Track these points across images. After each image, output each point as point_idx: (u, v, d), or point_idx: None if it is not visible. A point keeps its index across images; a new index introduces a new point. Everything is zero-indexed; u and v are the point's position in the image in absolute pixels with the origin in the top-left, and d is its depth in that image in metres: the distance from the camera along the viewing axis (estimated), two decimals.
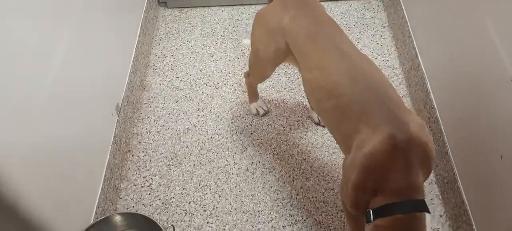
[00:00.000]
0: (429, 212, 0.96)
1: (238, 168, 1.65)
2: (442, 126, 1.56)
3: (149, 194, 1.59)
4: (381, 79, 1.10)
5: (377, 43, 2.06)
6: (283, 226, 1.49)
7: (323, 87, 1.12)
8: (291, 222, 1.49)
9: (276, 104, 1.85)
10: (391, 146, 0.96)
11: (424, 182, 1.02)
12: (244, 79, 1.80)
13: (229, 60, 2.03)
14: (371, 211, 0.98)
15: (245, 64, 2.01)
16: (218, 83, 1.94)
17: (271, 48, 1.32)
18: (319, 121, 1.76)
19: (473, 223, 1.33)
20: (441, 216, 1.50)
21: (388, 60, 1.99)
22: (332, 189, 1.58)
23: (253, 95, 1.77)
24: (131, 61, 1.84)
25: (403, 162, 0.96)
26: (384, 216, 0.96)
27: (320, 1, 2.00)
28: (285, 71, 1.96)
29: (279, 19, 1.25)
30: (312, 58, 1.17)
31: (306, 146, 1.71)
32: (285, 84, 1.92)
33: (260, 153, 1.69)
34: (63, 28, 1.25)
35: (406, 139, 0.96)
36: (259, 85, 1.81)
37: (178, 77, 1.97)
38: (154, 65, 2.03)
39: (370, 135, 0.99)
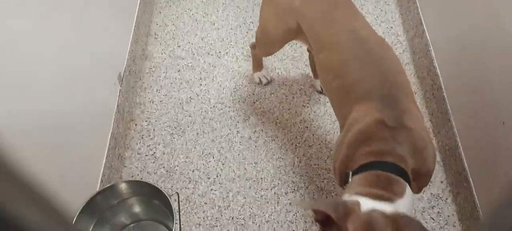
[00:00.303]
0: (409, 183, 0.91)
1: (241, 137, 1.66)
2: (445, 93, 1.56)
3: (153, 162, 1.61)
4: (393, 65, 1.07)
5: (381, 10, 2.03)
6: (285, 193, 1.51)
7: (331, 68, 1.12)
8: (294, 189, 1.52)
9: (278, 73, 1.84)
10: (379, 124, 0.94)
11: (418, 192, 0.99)
12: (249, 49, 1.79)
13: (231, 29, 2.00)
14: (349, 173, 0.95)
15: (247, 32, 1.99)
16: (220, 52, 1.93)
17: (281, 28, 1.31)
18: (321, 89, 1.76)
19: (473, 189, 1.34)
20: (441, 182, 1.52)
21: (392, 28, 1.96)
22: None
23: (258, 65, 1.77)
24: (132, 31, 1.82)
25: (390, 136, 0.93)
26: (359, 172, 0.93)
27: None
28: None
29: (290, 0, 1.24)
30: (325, 40, 1.16)
31: (309, 114, 1.71)
32: (288, 52, 1.91)
33: (262, 122, 1.70)
34: None
35: (397, 124, 0.94)
36: None
37: (179, 46, 1.96)
38: (155, 34, 2.01)
39: (363, 115, 0.99)
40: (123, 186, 1.34)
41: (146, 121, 1.72)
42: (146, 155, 1.63)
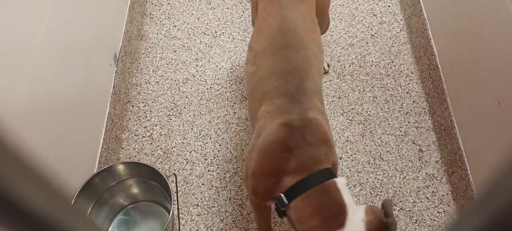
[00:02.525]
0: (336, 177, 0.94)
1: (238, 118, 1.66)
2: (441, 73, 1.56)
3: (151, 143, 1.61)
4: (304, 58, 1.04)
5: None
6: None
7: (254, 48, 1.10)
8: None
9: None
10: (287, 130, 0.94)
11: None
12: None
13: (227, 8, 1.98)
14: (282, 195, 0.94)
15: (243, 11, 1.97)
16: (216, 32, 1.91)
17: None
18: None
19: (468, 168, 1.36)
20: (437, 162, 1.53)
21: (389, 6, 1.95)
22: None
23: None
24: (127, 10, 1.80)
25: (301, 140, 0.94)
26: (296, 196, 0.92)
27: None
28: None
29: None
30: (259, 17, 1.15)
31: None
32: None
33: None
34: None
35: (302, 121, 0.95)
36: None
37: (175, 26, 1.94)
38: (150, 13, 1.99)
39: (268, 121, 0.97)
40: (121, 168, 1.35)
41: (142, 102, 1.72)
42: (143, 137, 1.63)
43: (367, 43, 1.84)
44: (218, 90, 1.74)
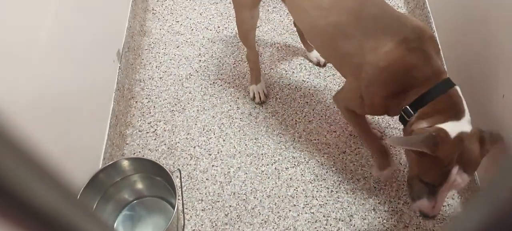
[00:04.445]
0: (456, 85, 1.06)
1: (241, 113, 1.66)
2: (445, 66, 1.55)
3: (155, 139, 1.62)
4: None
5: None
6: (286, 168, 1.52)
7: (318, 5, 1.14)
8: (294, 164, 1.53)
9: (278, 48, 1.83)
10: (405, 49, 1.03)
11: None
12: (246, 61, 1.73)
13: (230, 3, 1.98)
14: (408, 107, 1.05)
15: None
16: (218, 27, 1.91)
17: None
18: (318, 62, 1.75)
19: None
20: None
21: None
22: (334, 132, 1.60)
23: (254, 76, 1.64)
24: (130, 6, 1.80)
25: (422, 55, 1.04)
26: (423, 105, 1.04)
27: None
28: (287, 13, 1.92)
29: None
30: None
31: (308, 89, 1.71)
32: (287, 26, 1.89)
33: None
34: None
35: (417, 37, 1.04)
36: (263, 50, 1.78)
37: (178, 21, 1.94)
38: (153, 9, 1.99)
39: (384, 49, 1.04)
40: (125, 163, 1.35)
41: (146, 98, 1.72)
42: (147, 132, 1.64)
43: None
44: (221, 85, 1.74)
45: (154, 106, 1.70)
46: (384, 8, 1.12)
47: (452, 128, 0.99)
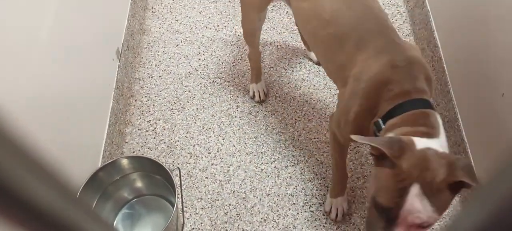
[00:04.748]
0: (436, 111, 0.95)
1: (241, 111, 1.66)
2: (445, 65, 1.55)
3: (154, 138, 1.62)
4: (378, 8, 1.11)
5: None
6: (285, 166, 1.53)
7: (320, 15, 1.12)
8: (294, 163, 1.53)
9: (277, 46, 1.83)
10: (391, 67, 0.97)
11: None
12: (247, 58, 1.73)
13: (229, 1, 1.98)
14: (379, 120, 0.96)
15: None
16: (218, 25, 1.91)
17: None
18: (318, 61, 1.75)
19: (472, 160, 1.36)
20: None
21: None
22: None
23: (255, 74, 1.65)
24: (129, 4, 1.80)
25: (405, 74, 0.97)
26: (393, 117, 0.93)
27: None
28: (287, 12, 1.91)
29: None
30: None
31: (308, 88, 1.71)
32: (286, 25, 1.89)
33: None
34: None
35: (405, 59, 0.98)
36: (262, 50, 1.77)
37: (177, 20, 1.94)
38: (152, 8, 1.99)
39: (369, 63, 1.00)
40: (124, 162, 1.35)
41: (145, 96, 1.72)
42: (147, 131, 1.64)
43: None
44: (220, 84, 1.74)
45: (154, 105, 1.70)
46: (383, 27, 1.06)
47: (420, 142, 0.85)
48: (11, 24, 0.99)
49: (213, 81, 1.75)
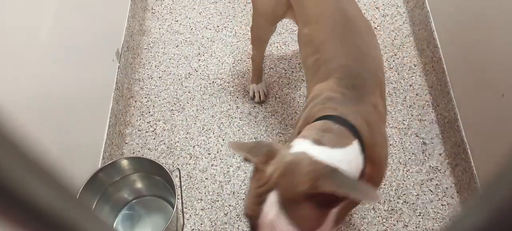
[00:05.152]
0: (361, 148, 0.86)
1: (241, 112, 1.66)
2: (445, 65, 1.55)
3: (154, 138, 1.62)
4: (373, 54, 1.03)
5: None
6: None
7: (312, 43, 1.08)
8: None
9: (277, 47, 1.83)
10: (340, 94, 0.91)
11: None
12: (248, 26, 1.75)
13: (229, 2, 1.98)
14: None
15: (245, 6, 1.96)
16: (218, 26, 1.91)
17: (272, 1, 1.29)
18: None
19: (472, 161, 1.36)
20: (440, 154, 1.53)
21: None
22: None
23: (256, 75, 1.65)
24: (129, 5, 1.80)
25: (349, 98, 0.91)
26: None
27: None
28: None
29: None
30: (312, 14, 1.12)
31: None
32: (286, 25, 1.89)
33: None
34: None
35: (358, 98, 0.91)
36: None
37: (177, 20, 1.94)
38: (152, 8, 1.99)
39: (324, 89, 0.95)
40: (124, 163, 1.35)
41: (145, 97, 1.72)
42: (147, 131, 1.64)
43: None
44: (220, 84, 1.74)
45: (154, 106, 1.70)
46: (364, 61, 0.98)
47: (300, 145, 0.77)
48: (11, 24, 0.99)
49: (213, 82, 1.75)
